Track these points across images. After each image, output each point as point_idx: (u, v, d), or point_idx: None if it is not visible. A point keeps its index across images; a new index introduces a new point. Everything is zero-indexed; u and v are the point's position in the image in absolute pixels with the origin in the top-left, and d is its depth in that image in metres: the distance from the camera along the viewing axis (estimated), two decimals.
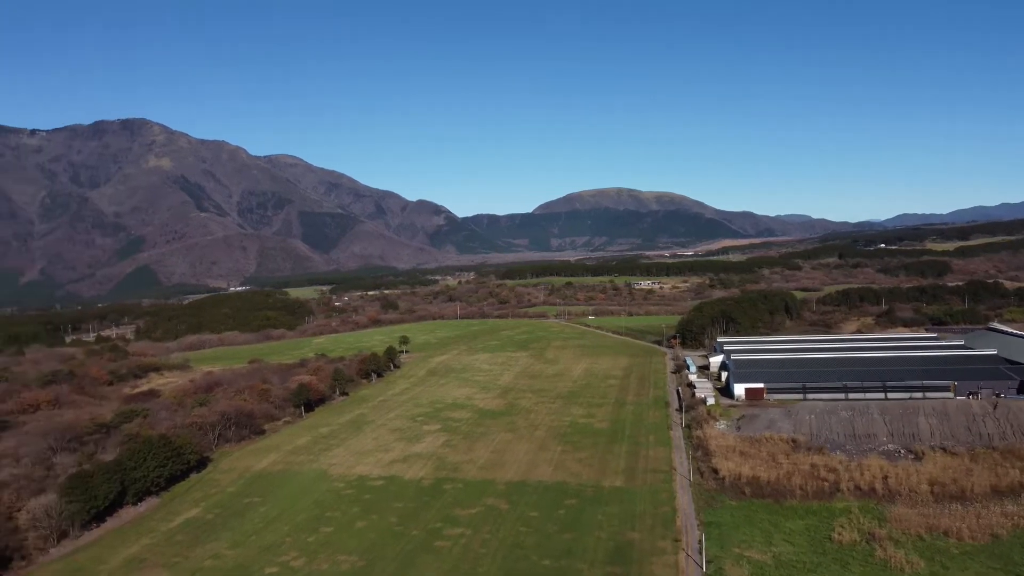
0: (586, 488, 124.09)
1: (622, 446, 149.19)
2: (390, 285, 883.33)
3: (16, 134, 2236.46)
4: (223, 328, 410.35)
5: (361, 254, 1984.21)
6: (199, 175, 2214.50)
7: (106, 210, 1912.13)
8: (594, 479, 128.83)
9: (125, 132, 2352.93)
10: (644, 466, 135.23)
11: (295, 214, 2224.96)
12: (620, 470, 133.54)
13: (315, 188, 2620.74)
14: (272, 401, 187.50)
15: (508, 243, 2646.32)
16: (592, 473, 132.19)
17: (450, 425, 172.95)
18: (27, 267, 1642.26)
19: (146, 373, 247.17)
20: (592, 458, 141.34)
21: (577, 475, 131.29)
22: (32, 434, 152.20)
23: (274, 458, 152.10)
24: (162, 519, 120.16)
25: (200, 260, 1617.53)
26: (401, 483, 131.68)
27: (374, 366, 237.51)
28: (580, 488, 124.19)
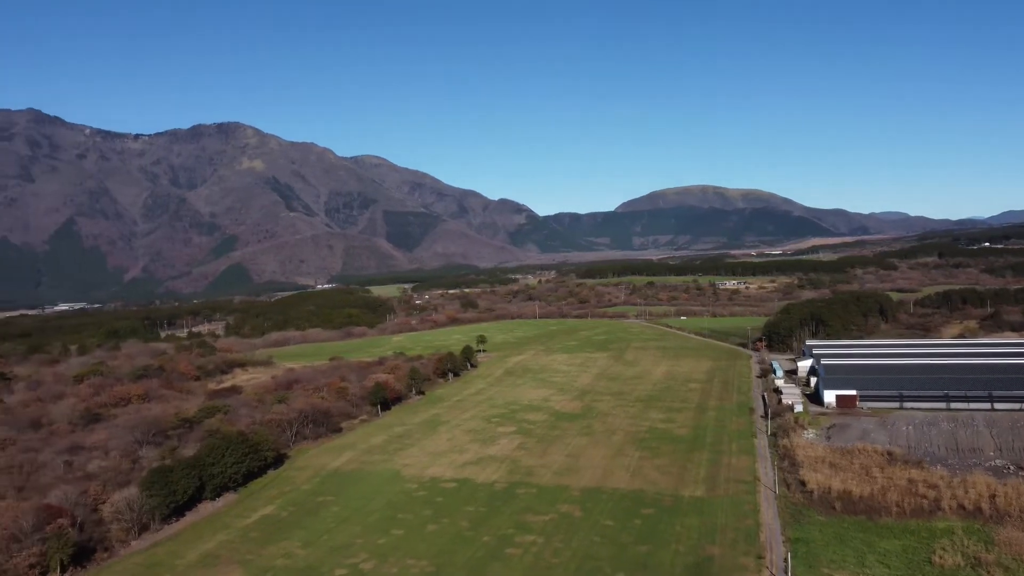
0: (664, 497, 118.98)
1: (703, 454, 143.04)
2: (471, 284, 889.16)
3: (121, 139, 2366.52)
4: (307, 325, 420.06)
5: (443, 253, 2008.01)
6: (289, 176, 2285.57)
7: (202, 210, 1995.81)
8: (673, 488, 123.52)
9: (220, 135, 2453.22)
10: (726, 476, 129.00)
11: (380, 213, 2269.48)
12: (700, 479, 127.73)
13: (399, 188, 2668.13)
14: (349, 399, 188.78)
15: (589, 242, 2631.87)
16: (671, 481, 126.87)
17: (525, 427, 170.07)
18: (131, 264, 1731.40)
19: (231, 369, 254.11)
20: (671, 466, 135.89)
21: (655, 483, 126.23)
22: (121, 427, 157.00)
23: (349, 456, 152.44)
24: (238, 515, 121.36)
25: (289, 258, 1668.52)
26: (473, 486, 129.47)
27: (451, 365, 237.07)
28: (658, 497, 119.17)
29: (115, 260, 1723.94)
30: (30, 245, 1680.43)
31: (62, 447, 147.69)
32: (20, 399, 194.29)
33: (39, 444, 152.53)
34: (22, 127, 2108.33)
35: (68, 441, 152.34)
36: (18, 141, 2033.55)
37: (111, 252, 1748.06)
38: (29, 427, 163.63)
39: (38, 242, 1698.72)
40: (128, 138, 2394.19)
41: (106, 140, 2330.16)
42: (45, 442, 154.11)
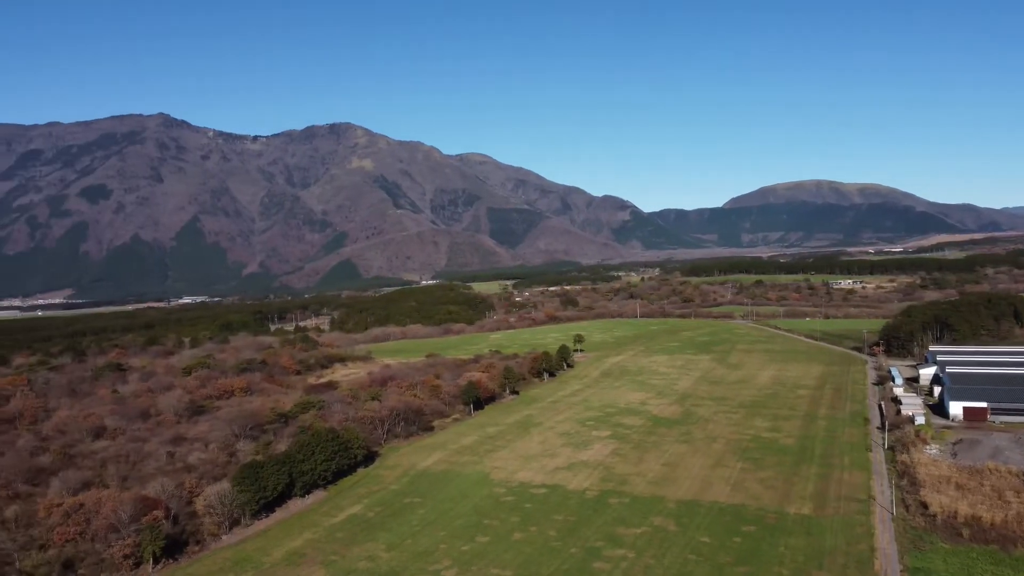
0: (767, 514, 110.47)
1: (811, 467, 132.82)
2: (572, 281, 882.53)
3: (241, 140, 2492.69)
4: (408, 321, 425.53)
5: (546, 249, 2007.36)
6: (396, 174, 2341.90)
7: (315, 208, 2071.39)
8: (777, 504, 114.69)
9: (332, 136, 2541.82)
10: (837, 492, 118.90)
11: (483, 210, 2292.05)
12: (808, 495, 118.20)
13: (503, 185, 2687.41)
14: (442, 397, 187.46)
15: (696, 238, 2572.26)
16: (775, 496, 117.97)
17: (620, 432, 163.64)
18: (249, 260, 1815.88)
19: (331, 364, 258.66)
20: (776, 479, 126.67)
21: (757, 497, 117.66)
22: (222, 420, 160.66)
23: (439, 457, 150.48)
24: (326, 513, 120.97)
25: (396, 255, 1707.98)
26: (564, 493, 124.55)
27: (546, 365, 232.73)
28: (760, 513, 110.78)
29: (235, 256, 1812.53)
30: (159, 241, 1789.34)
31: (166, 438, 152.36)
32: (133, 389, 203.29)
33: (146, 434, 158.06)
34: (153, 131, 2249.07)
35: (172, 432, 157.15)
36: (149, 144, 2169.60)
37: (231, 248, 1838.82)
38: (139, 417, 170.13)
39: (166, 239, 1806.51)
40: (247, 139, 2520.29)
41: (228, 142, 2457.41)
42: (152, 432, 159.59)
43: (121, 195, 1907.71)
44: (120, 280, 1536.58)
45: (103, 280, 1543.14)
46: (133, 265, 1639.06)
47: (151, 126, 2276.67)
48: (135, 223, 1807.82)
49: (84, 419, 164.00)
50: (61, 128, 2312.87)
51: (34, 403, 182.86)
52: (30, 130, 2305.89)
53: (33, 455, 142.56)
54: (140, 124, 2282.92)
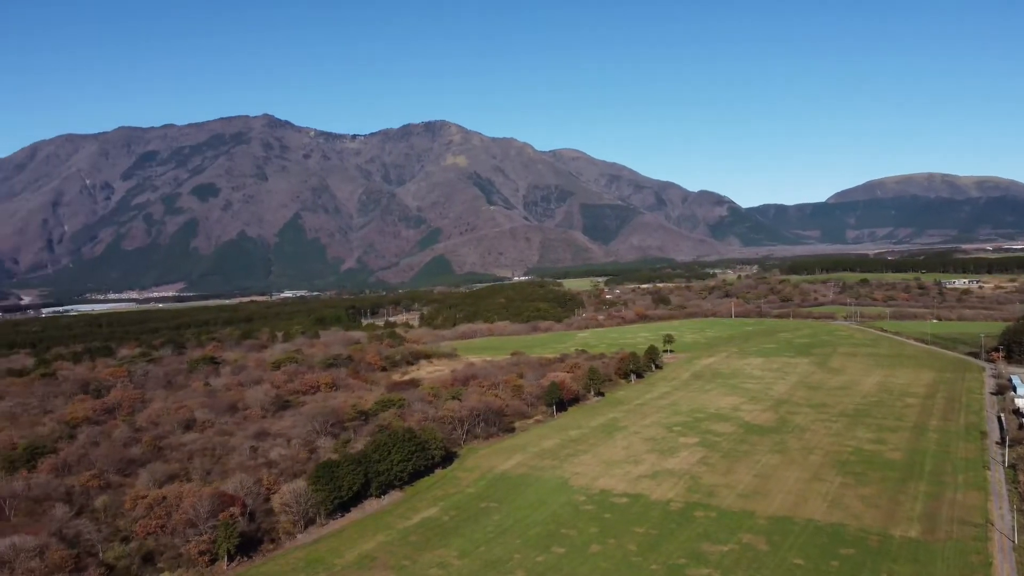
0: (869, 536, 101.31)
1: (920, 484, 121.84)
2: (665, 278, 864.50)
3: (340, 140, 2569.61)
4: (496, 318, 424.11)
5: (639, 246, 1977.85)
6: (490, 171, 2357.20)
7: (410, 205, 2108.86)
8: (880, 524, 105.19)
9: (427, 133, 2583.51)
10: (949, 514, 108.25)
11: (576, 206, 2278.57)
12: (916, 516, 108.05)
13: (596, 181, 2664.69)
14: (524, 398, 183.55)
15: (796, 235, 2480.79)
16: (878, 516, 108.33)
17: (709, 439, 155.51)
18: (347, 255, 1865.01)
19: (417, 360, 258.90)
20: (879, 496, 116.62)
21: (858, 517, 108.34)
22: (305, 415, 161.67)
23: (519, 460, 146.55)
24: (401, 515, 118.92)
25: (488, 250, 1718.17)
26: (646, 503, 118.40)
27: (634, 366, 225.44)
28: (861, 535, 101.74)
29: (334, 251, 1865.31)
30: (263, 237, 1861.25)
31: (251, 432, 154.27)
32: (224, 383, 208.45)
33: (233, 428, 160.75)
34: (258, 131, 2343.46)
35: (257, 427, 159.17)
36: (255, 144, 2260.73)
37: (330, 244, 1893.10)
38: (227, 411, 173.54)
39: (270, 235, 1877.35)
40: (347, 138, 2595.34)
41: (328, 141, 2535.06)
42: (238, 426, 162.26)
43: (229, 193, 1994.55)
44: (227, 274, 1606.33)
45: (212, 274, 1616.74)
46: (239, 260, 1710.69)
47: (257, 127, 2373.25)
48: (241, 220, 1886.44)
49: (176, 411, 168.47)
50: (175, 130, 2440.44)
51: (132, 394, 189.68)
52: (147, 132, 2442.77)
53: (126, 446, 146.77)
54: (247, 125, 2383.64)
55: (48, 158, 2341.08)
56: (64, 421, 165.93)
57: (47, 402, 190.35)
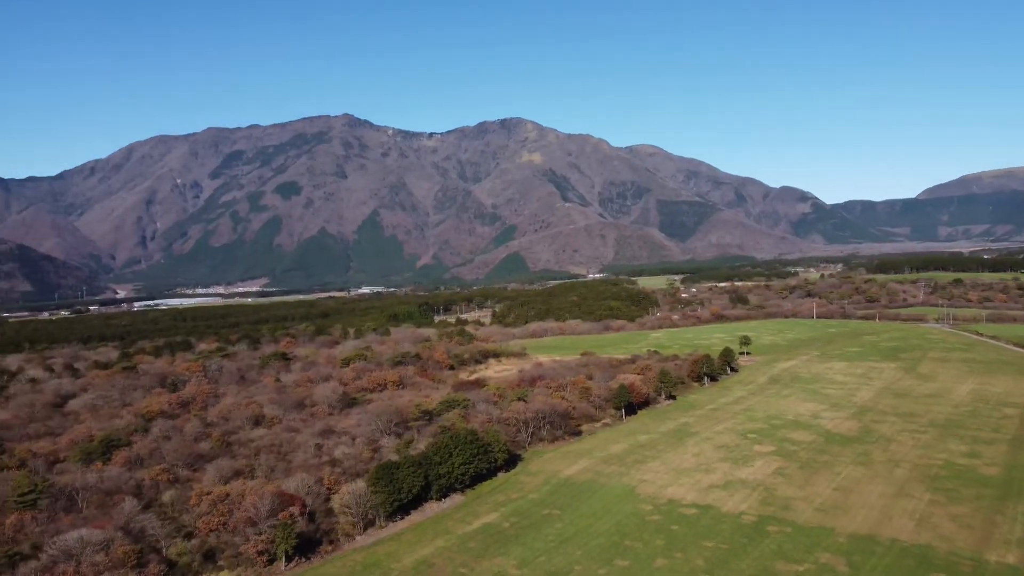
0: (961, 560, 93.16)
1: (1019, 504, 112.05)
2: (744, 276, 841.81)
3: (418, 138, 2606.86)
4: (567, 316, 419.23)
5: (718, 243, 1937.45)
6: (565, 167, 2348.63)
7: (485, 202, 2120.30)
8: (974, 548, 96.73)
9: (503, 131, 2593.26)
10: None
11: (653, 203, 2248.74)
12: (1016, 540, 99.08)
13: (673, 177, 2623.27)
14: (592, 400, 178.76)
15: (884, 232, 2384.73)
16: (971, 538, 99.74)
17: (786, 448, 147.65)
18: (423, 252, 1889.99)
19: (485, 359, 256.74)
20: (973, 516, 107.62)
21: (949, 538, 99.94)
22: (371, 414, 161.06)
23: (584, 465, 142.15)
24: (461, 520, 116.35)
25: (563, 248, 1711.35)
26: (717, 515, 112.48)
27: (707, 368, 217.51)
28: (952, 558, 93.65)
29: (410, 248, 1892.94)
30: (343, 234, 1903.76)
31: (317, 429, 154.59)
32: (294, 379, 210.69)
33: (299, 424, 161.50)
34: (338, 130, 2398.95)
35: (323, 424, 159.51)
36: (335, 143, 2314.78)
37: (407, 241, 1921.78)
38: (295, 407, 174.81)
39: (349, 232, 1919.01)
40: (423, 136, 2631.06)
41: (405, 139, 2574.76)
42: (305, 423, 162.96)
43: (310, 191, 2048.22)
44: (309, 270, 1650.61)
45: (294, 270, 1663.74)
46: (320, 256, 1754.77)
47: (337, 126, 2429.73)
48: (322, 217, 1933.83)
49: (246, 407, 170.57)
50: (260, 130, 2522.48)
51: (206, 389, 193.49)
52: (234, 133, 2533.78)
53: (196, 440, 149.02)
54: (327, 124, 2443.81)
55: (143, 158, 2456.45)
56: (140, 414, 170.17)
57: (127, 395, 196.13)
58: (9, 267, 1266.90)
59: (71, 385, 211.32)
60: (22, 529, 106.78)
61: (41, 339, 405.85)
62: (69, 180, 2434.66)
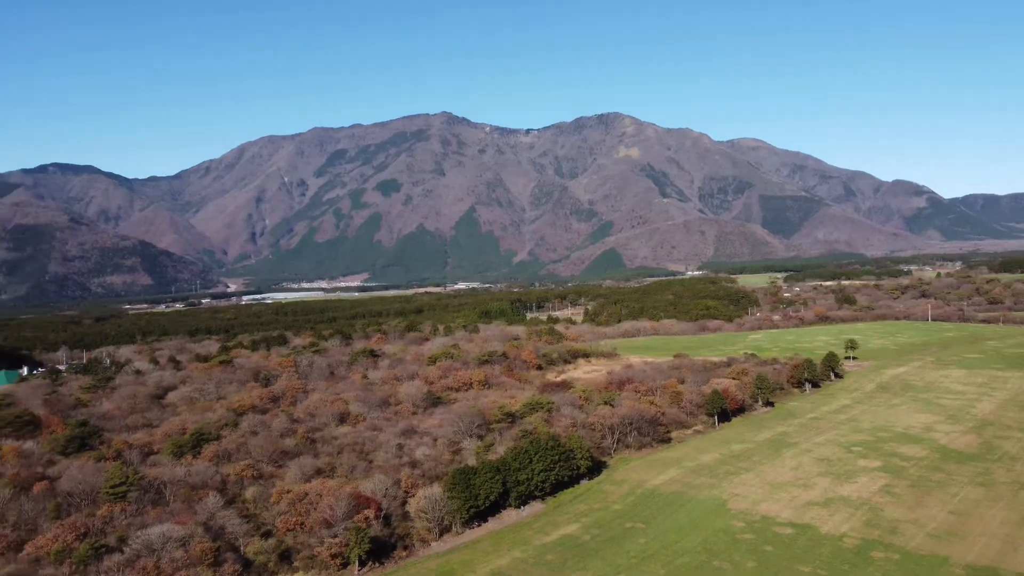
0: None
1: None
2: (852, 275, 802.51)
3: (515, 134, 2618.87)
4: (662, 315, 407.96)
5: (824, 240, 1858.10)
6: (663, 162, 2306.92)
7: (581, 198, 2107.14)
8: None
9: (600, 126, 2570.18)
10: None
11: (755, 198, 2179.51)
12: None
13: (777, 171, 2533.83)
14: (683, 406, 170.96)
15: (1009, 228, 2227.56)
16: None
17: (895, 464, 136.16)
18: (519, 248, 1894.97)
19: (574, 359, 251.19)
20: None
21: None
22: (454, 414, 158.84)
23: (672, 475, 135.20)
24: (539, 530, 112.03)
25: (661, 244, 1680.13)
26: (815, 536, 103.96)
27: (809, 374, 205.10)
28: None
29: (506, 244, 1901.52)
30: (440, 231, 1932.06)
31: (399, 429, 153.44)
32: (381, 376, 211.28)
33: (383, 423, 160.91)
34: (437, 128, 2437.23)
35: (406, 423, 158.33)
36: (434, 141, 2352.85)
37: (503, 237, 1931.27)
38: (379, 405, 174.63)
39: (446, 228, 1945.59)
40: (520, 133, 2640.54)
41: (502, 136, 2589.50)
42: (388, 422, 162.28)
43: (409, 188, 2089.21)
44: (407, 265, 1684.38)
45: (393, 265, 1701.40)
46: (418, 252, 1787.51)
47: (436, 124, 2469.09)
48: (420, 213, 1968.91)
49: (332, 403, 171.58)
50: (362, 129, 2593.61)
51: (295, 384, 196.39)
52: (337, 132, 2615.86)
53: (282, 436, 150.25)
54: (426, 123, 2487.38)
55: (253, 158, 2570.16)
56: (232, 408, 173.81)
57: (222, 388, 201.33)
58: (132, 262, 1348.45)
59: (172, 377, 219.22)
60: (111, 521, 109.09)
61: (153, 331, 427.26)
62: (186, 179, 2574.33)
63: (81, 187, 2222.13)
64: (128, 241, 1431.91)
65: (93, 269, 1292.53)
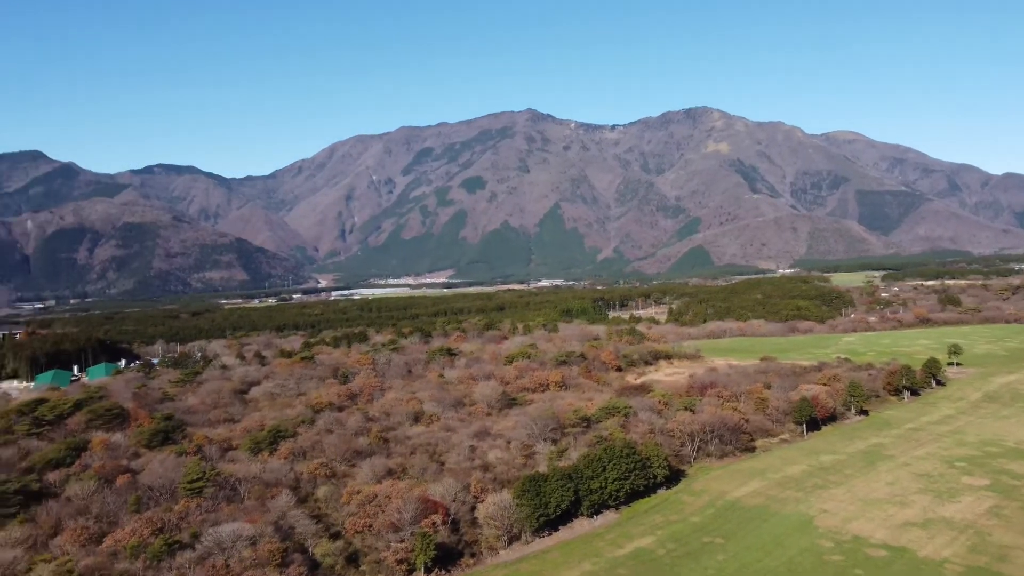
0: None
1: None
2: (956, 274, 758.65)
3: (599, 130, 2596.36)
4: (749, 316, 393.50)
5: (926, 236, 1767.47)
6: (754, 157, 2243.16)
7: (668, 194, 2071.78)
8: None
9: (688, 120, 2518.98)
10: None
11: (851, 193, 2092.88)
12: None
13: (876, 165, 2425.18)
14: (768, 413, 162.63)
15: None
16: None
17: (1004, 482, 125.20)
18: (604, 245, 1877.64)
19: (655, 361, 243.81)
20: None
21: None
22: (528, 416, 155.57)
23: (755, 487, 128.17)
24: (612, 542, 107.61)
25: (751, 241, 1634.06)
26: (912, 561, 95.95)
27: (907, 381, 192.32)
28: None
29: (591, 241, 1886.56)
30: (524, 228, 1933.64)
31: (473, 430, 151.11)
32: (457, 375, 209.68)
33: (457, 424, 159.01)
34: (521, 125, 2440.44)
35: (480, 425, 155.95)
36: (519, 138, 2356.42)
37: (588, 234, 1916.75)
38: (454, 405, 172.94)
39: (530, 225, 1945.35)
40: (605, 129, 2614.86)
41: (587, 132, 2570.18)
42: (462, 422, 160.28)
43: (494, 185, 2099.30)
44: (492, 262, 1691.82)
45: (478, 262, 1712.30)
46: (502, 249, 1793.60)
47: (520, 121, 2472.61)
48: (505, 210, 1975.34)
49: (407, 403, 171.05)
50: (448, 127, 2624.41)
51: (372, 382, 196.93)
52: (424, 131, 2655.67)
53: (356, 435, 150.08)
54: (511, 120, 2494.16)
55: (343, 157, 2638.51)
56: (310, 405, 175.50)
57: (302, 384, 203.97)
58: (229, 258, 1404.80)
59: (256, 373, 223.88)
60: (186, 517, 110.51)
61: (243, 326, 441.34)
62: (280, 179, 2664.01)
63: (183, 187, 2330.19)
64: (226, 238, 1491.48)
65: (193, 265, 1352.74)
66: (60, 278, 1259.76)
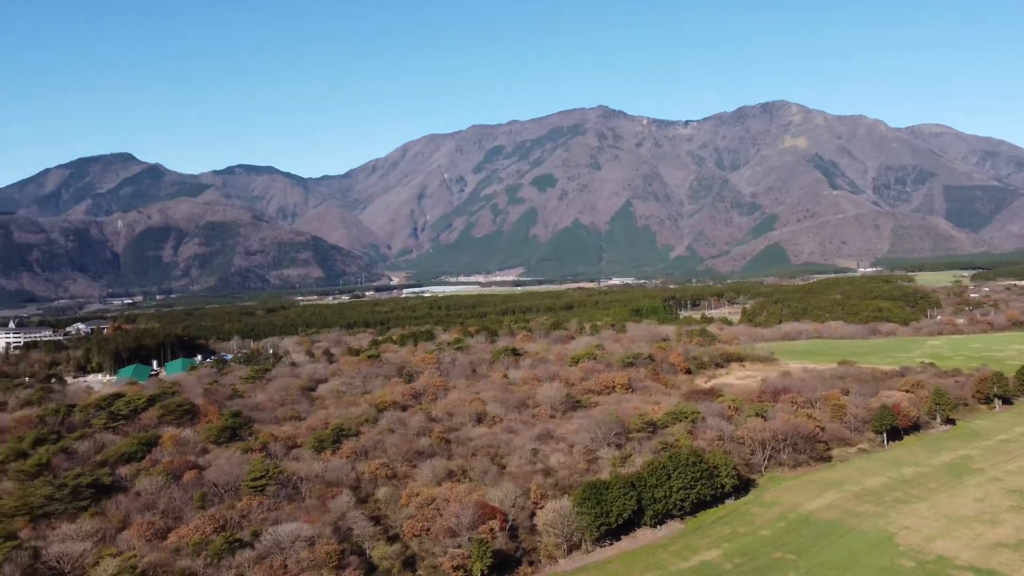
0: None
1: None
2: None
3: (672, 126, 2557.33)
4: (827, 316, 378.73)
5: (1020, 234, 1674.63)
6: (833, 152, 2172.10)
7: (743, 191, 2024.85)
8: None
9: (764, 115, 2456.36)
10: None
11: (938, 188, 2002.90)
12: None
13: (965, 159, 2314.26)
14: (846, 421, 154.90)
15: None
16: None
17: None
18: (676, 243, 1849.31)
19: (727, 363, 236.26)
20: None
21: None
22: (593, 419, 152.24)
23: (831, 499, 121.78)
24: (675, 554, 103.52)
25: (830, 239, 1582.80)
26: None
27: (998, 388, 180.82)
28: None
29: (663, 239, 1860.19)
30: (596, 225, 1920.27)
31: (535, 433, 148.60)
32: (522, 376, 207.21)
33: (519, 426, 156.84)
34: (592, 122, 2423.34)
35: (543, 427, 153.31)
36: (590, 135, 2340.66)
37: (660, 231, 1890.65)
38: (517, 406, 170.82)
39: (601, 223, 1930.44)
40: (679, 125, 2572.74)
41: (660, 128, 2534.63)
42: (525, 424, 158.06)
43: (564, 183, 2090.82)
44: (562, 260, 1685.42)
45: (548, 260, 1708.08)
46: (573, 247, 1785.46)
47: (591, 118, 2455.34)
48: (575, 208, 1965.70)
49: (470, 403, 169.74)
50: (519, 125, 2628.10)
51: (436, 382, 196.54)
52: (495, 129, 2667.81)
53: (418, 435, 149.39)
54: (582, 117, 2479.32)
55: (415, 156, 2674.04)
56: (374, 404, 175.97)
57: (368, 382, 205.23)
58: (305, 255, 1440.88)
59: (324, 370, 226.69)
60: (248, 515, 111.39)
61: (316, 322, 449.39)
62: (354, 178, 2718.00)
63: (262, 186, 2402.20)
64: (302, 236, 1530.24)
65: (271, 262, 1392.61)
66: (147, 275, 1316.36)
